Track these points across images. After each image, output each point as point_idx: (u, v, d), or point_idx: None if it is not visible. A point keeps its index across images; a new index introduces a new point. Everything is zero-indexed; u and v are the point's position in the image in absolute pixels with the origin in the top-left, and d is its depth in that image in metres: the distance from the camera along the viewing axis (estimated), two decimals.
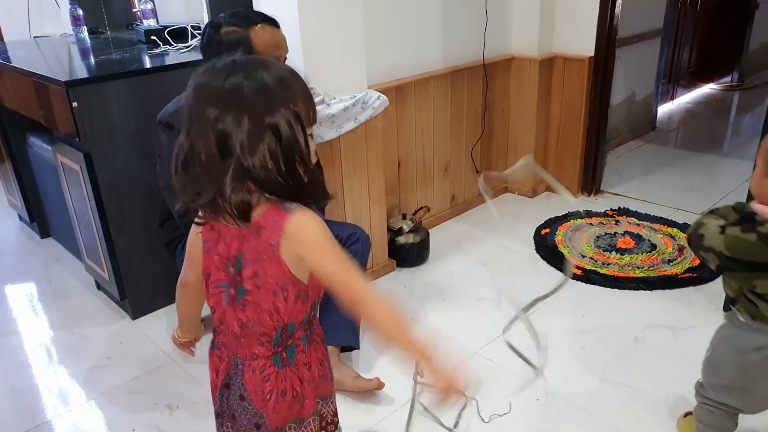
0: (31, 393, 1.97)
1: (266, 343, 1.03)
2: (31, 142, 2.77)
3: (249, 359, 1.05)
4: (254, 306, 1.00)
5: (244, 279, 0.99)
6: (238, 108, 0.88)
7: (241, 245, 0.98)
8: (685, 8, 4.72)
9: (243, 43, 1.66)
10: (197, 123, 0.90)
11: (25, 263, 2.84)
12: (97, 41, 2.97)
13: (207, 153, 0.89)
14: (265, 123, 0.89)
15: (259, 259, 0.96)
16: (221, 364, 1.09)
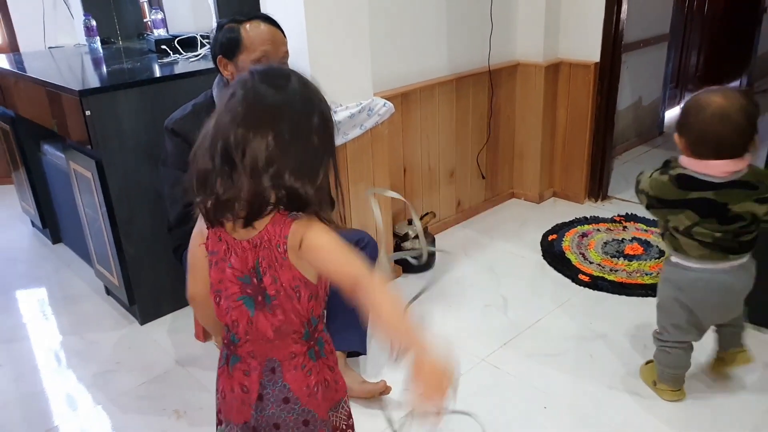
0: (40, 397, 2.00)
1: (299, 340, 1.06)
2: (44, 149, 2.81)
3: (288, 359, 1.07)
4: (281, 308, 1.02)
5: (267, 286, 1.01)
6: (294, 116, 0.93)
7: (255, 255, 1.00)
8: (692, 12, 4.70)
9: (234, 38, 1.72)
10: (250, 124, 0.91)
11: (36, 269, 2.88)
12: (110, 51, 3.02)
13: (252, 155, 0.91)
14: (311, 137, 0.94)
15: (273, 265, 0.99)
16: (248, 377, 1.08)
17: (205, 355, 2.15)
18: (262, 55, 1.73)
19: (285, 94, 0.94)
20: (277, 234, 0.97)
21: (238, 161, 0.91)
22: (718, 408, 1.78)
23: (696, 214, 1.60)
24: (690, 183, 1.60)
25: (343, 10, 2.08)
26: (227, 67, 1.76)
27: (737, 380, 1.89)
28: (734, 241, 1.61)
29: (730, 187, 1.56)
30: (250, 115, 0.92)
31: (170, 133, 1.80)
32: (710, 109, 1.54)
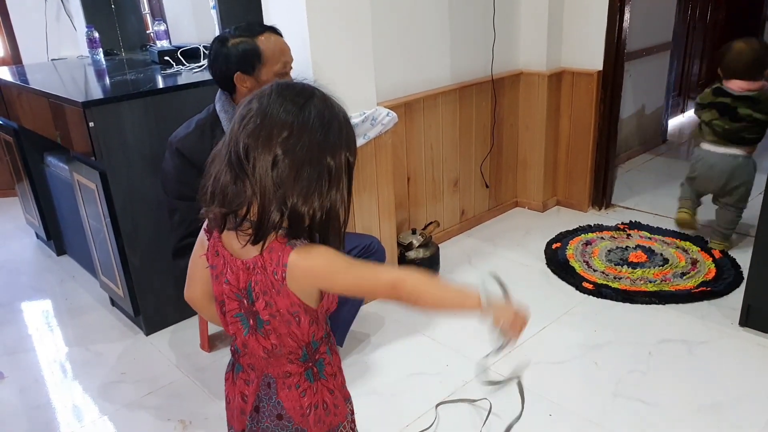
0: (46, 409, 1.99)
1: (296, 360, 1.04)
2: (48, 161, 2.82)
3: (282, 377, 1.04)
4: (275, 332, 1.00)
5: (259, 310, 0.98)
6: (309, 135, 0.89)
7: (249, 277, 0.97)
8: (693, 21, 4.72)
9: (252, 52, 1.70)
10: (261, 139, 0.89)
11: (41, 280, 2.88)
12: (113, 63, 3.04)
13: (260, 172, 0.88)
14: (325, 161, 0.90)
15: (268, 291, 0.96)
16: (248, 386, 1.08)
17: (210, 365, 2.14)
18: (284, 67, 1.74)
19: (302, 113, 0.90)
20: (274, 261, 0.93)
21: (249, 174, 0.89)
22: (723, 414, 1.77)
23: (717, 112, 2.58)
24: (719, 92, 2.60)
25: (346, 19, 2.09)
26: (246, 82, 1.74)
27: (742, 386, 1.88)
28: (737, 135, 2.56)
29: (742, 99, 2.53)
30: (261, 130, 0.89)
31: (175, 153, 1.79)
32: (733, 47, 2.56)
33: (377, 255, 2.08)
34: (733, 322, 2.19)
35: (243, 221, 0.92)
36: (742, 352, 2.05)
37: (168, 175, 1.83)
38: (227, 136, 0.94)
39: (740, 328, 2.17)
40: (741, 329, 2.16)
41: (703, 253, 2.71)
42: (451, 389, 1.94)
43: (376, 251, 2.07)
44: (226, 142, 0.94)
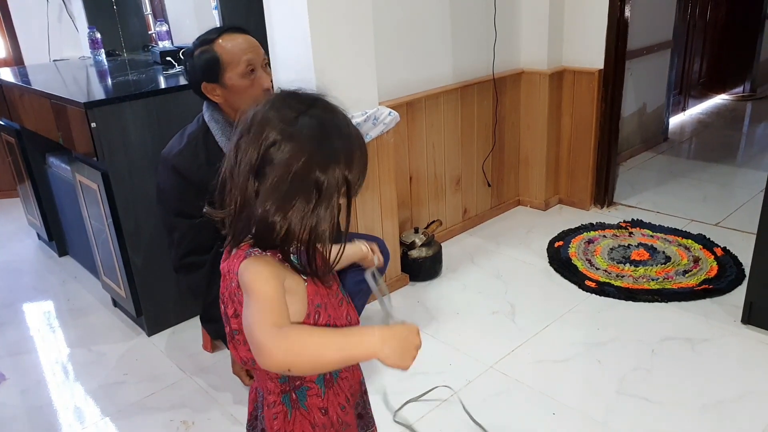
0: (48, 410, 1.99)
1: (275, 378, 0.98)
2: (50, 162, 2.82)
3: (266, 393, 1.00)
4: (245, 345, 0.91)
5: (230, 318, 0.94)
6: (298, 144, 0.85)
7: (224, 284, 0.94)
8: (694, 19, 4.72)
9: (211, 60, 1.67)
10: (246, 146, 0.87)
11: (43, 281, 2.89)
12: (115, 63, 3.04)
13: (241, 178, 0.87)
14: (313, 174, 0.84)
15: (232, 299, 0.92)
16: (251, 393, 1.08)
17: (212, 365, 2.14)
18: (248, 66, 1.68)
19: (297, 121, 0.86)
20: (233, 268, 0.90)
21: (234, 177, 0.88)
22: (726, 412, 1.77)
23: None
24: None
25: (347, 19, 2.09)
26: (215, 90, 1.70)
27: (745, 384, 1.87)
28: None
29: None
30: (251, 134, 0.86)
31: (171, 170, 1.74)
32: None
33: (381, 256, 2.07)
34: (736, 320, 2.18)
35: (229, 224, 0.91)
36: (745, 350, 2.05)
37: (166, 192, 1.79)
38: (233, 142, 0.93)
39: (743, 325, 2.16)
40: (743, 327, 2.16)
41: (705, 250, 2.70)
42: (455, 389, 1.93)
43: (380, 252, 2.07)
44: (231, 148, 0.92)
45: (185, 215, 1.77)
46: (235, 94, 1.71)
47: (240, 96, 1.71)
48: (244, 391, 1.99)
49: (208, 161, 1.75)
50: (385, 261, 2.10)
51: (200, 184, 1.75)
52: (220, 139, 1.75)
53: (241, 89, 1.70)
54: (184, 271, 1.80)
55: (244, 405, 1.94)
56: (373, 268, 1.06)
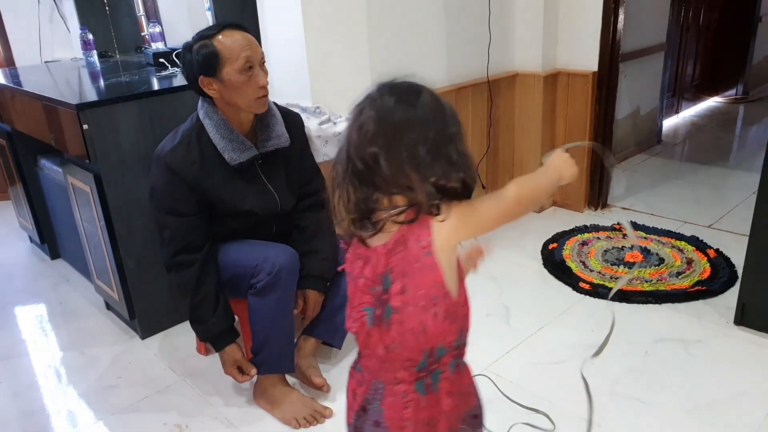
0: (40, 414, 1.98)
1: (410, 368, 1.00)
2: (41, 164, 2.81)
3: (391, 383, 1.02)
4: (399, 326, 0.96)
5: (392, 295, 0.96)
6: (429, 129, 0.92)
7: (387, 261, 0.96)
8: (687, 22, 4.74)
9: (210, 54, 1.67)
10: (383, 142, 0.91)
11: (35, 284, 2.86)
12: (107, 65, 3.03)
13: (388, 172, 0.90)
14: (447, 135, 0.93)
15: (409, 270, 0.95)
16: (360, 387, 1.07)
17: (206, 368, 2.13)
18: (246, 62, 1.69)
19: (416, 109, 0.93)
20: (416, 227, 0.93)
21: (382, 175, 0.91)
22: (719, 412, 1.77)
23: None
24: None
25: (341, 21, 2.09)
26: (211, 85, 1.71)
27: (738, 385, 1.88)
28: None
29: None
30: (383, 135, 0.91)
31: (164, 168, 1.74)
32: None
33: None
34: (729, 321, 2.19)
35: (375, 218, 0.94)
36: (738, 351, 2.06)
37: (158, 190, 1.78)
38: (344, 149, 0.95)
39: (735, 326, 2.17)
40: (736, 328, 2.17)
41: (698, 252, 2.71)
42: None
43: None
44: (344, 154, 0.95)
45: (177, 213, 1.76)
46: (232, 90, 1.71)
47: (236, 92, 1.72)
48: (238, 394, 1.98)
49: (201, 159, 1.75)
50: None
51: (193, 181, 1.75)
52: (214, 137, 1.75)
53: (237, 85, 1.70)
54: (174, 270, 1.79)
55: (238, 407, 1.93)
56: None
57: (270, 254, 1.78)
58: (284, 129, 1.85)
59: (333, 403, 1.91)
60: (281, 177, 1.90)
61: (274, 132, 1.83)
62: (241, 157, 1.76)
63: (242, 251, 1.84)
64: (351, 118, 0.95)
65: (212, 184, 1.77)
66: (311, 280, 1.91)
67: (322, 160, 2.11)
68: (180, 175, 1.73)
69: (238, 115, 1.78)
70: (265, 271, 1.75)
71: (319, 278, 1.92)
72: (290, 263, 1.80)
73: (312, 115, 2.08)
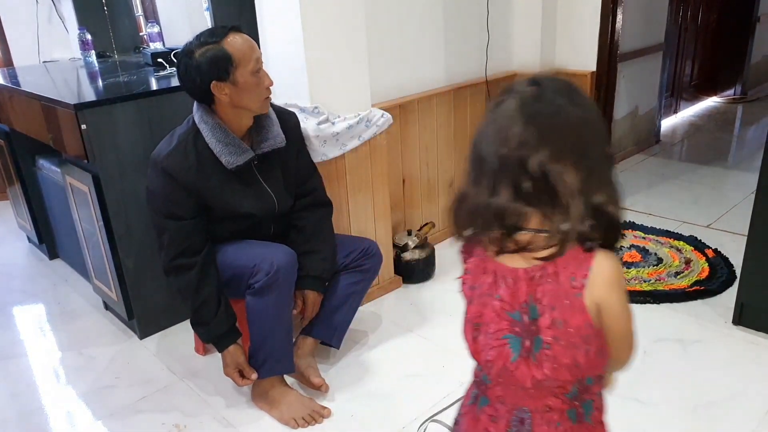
0: (39, 414, 1.97)
1: (561, 395, 0.92)
2: (40, 164, 2.80)
3: (540, 411, 0.93)
4: (552, 360, 0.87)
5: (541, 329, 0.86)
6: (591, 131, 0.83)
7: (532, 289, 0.86)
8: (686, 22, 4.75)
9: (222, 57, 1.66)
10: (556, 146, 0.79)
11: (33, 284, 2.86)
12: (105, 65, 3.03)
13: (557, 182, 0.79)
14: (607, 150, 0.83)
15: (558, 305, 0.85)
16: (495, 423, 0.97)
17: (205, 368, 2.13)
18: (257, 63, 1.71)
19: (586, 108, 0.83)
20: (572, 266, 0.83)
21: (552, 188, 0.79)
22: (717, 412, 1.78)
23: None
24: None
25: (340, 22, 2.09)
26: (224, 89, 1.69)
27: (736, 384, 1.88)
28: None
29: None
30: (554, 136, 0.79)
31: (161, 172, 1.73)
32: None
33: (375, 259, 2.07)
34: (727, 321, 2.19)
35: (526, 234, 0.83)
36: (736, 351, 2.06)
37: (156, 195, 1.78)
38: (491, 151, 0.83)
39: (734, 326, 2.17)
40: (734, 328, 2.17)
41: (696, 252, 2.72)
42: (447, 391, 1.93)
43: (373, 255, 2.07)
44: (489, 158, 0.83)
45: (175, 217, 1.76)
46: (244, 92, 1.71)
47: (247, 94, 1.72)
48: (237, 394, 1.98)
49: (197, 163, 1.75)
50: (378, 263, 2.10)
51: (190, 185, 1.75)
52: (210, 141, 1.74)
53: (250, 87, 1.71)
54: (173, 273, 1.79)
55: (236, 407, 1.93)
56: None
57: (268, 254, 1.78)
58: (280, 129, 1.85)
59: (331, 403, 1.91)
60: (278, 178, 1.90)
61: (270, 133, 1.83)
62: (238, 160, 1.76)
63: (240, 252, 1.84)
64: (499, 116, 0.83)
65: (209, 188, 1.77)
66: (310, 280, 1.91)
67: (320, 160, 2.12)
68: (177, 180, 1.73)
69: (238, 118, 1.77)
70: (263, 272, 1.75)
71: (318, 278, 1.92)
72: (288, 263, 1.80)
73: (310, 115, 2.08)
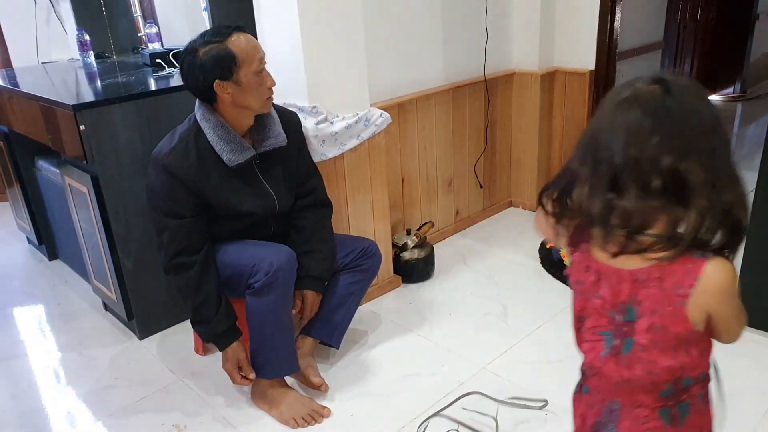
0: (39, 415, 1.97)
1: (653, 392, 0.92)
2: (39, 165, 2.80)
3: (630, 405, 0.94)
4: (646, 362, 0.88)
5: (637, 331, 0.87)
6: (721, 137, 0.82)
7: (634, 291, 0.86)
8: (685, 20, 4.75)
9: (226, 56, 1.66)
10: (686, 146, 0.79)
11: (33, 286, 2.86)
12: (104, 65, 3.02)
13: (686, 184, 0.78)
14: (732, 154, 0.83)
15: (659, 310, 0.84)
16: (590, 410, 1.00)
17: (204, 368, 2.13)
18: (260, 63, 1.71)
19: (713, 108, 0.82)
20: (679, 273, 0.82)
21: (674, 189, 0.78)
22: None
23: None
24: None
25: (338, 21, 2.09)
26: (227, 89, 1.69)
27: (737, 382, 1.88)
28: None
29: None
30: (685, 136, 0.79)
31: (162, 169, 1.73)
32: None
33: (374, 259, 2.08)
34: None
35: (639, 235, 0.82)
36: (736, 349, 2.04)
37: (156, 192, 1.78)
38: (616, 149, 0.81)
39: None
40: None
41: None
42: (447, 390, 1.93)
43: (373, 255, 2.07)
44: (610, 162, 0.81)
45: (176, 215, 1.76)
46: (246, 92, 1.71)
47: (250, 93, 1.72)
48: (237, 394, 1.98)
49: (198, 161, 1.75)
50: (378, 263, 2.10)
51: (191, 183, 1.75)
52: (211, 138, 1.75)
53: (253, 86, 1.71)
54: (173, 272, 1.79)
55: (236, 407, 1.93)
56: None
57: (267, 254, 1.78)
58: (281, 128, 1.85)
59: (331, 402, 1.91)
60: (279, 177, 1.90)
61: (271, 132, 1.83)
62: (239, 158, 1.76)
63: (240, 251, 1.84)
64: (627, 114, 0.81)
65: (210, 186, 1.77)
66: (309, 280, 1.91)
67: (319, 159, 2.12)
68: (178, 177, 1.73)
69: (240, 116, 1.77)
70: (262, 271, 1.75)
71: (317, 278, 1.92)
72: (288, 263, 1.80)
73: (309, 115, 2.08)
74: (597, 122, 0.85)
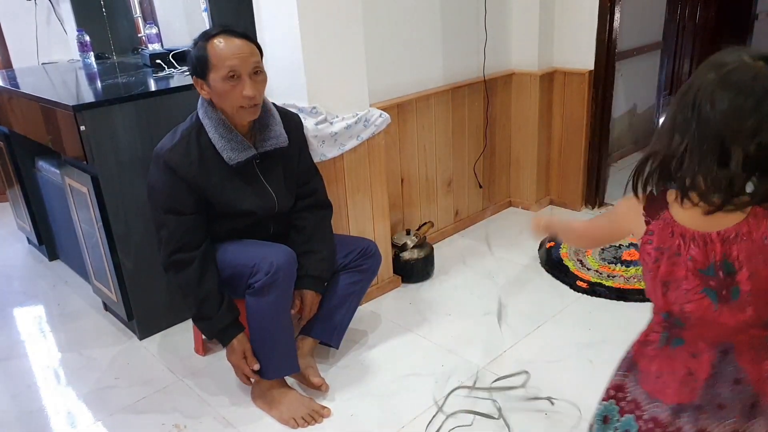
0: (40, 415, 1.98)
1: (758, 325, 1.03)
2: (39, 166, 2.81)
3: (744, 342, 1.04)
4: (755, 305, 0.99)
5: (741, 281, 0.99)
6: None
7: (726, 249, 0.98)
8: (683, 20, 4.75)
9: (202, 57, 1.69)
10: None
11: (33, 286, 2.87)
12: (104, 66, 3.03)
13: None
14: None
15: (755, 258, 0.97)
16: (696, 359, 1.07)
17: (204, 368, 2.13)
18: (230, 71, 1.67)
19: None
20: (764, 225, 0.96)
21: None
22: None
23: None
24: None
25: (337, 21, 2.09)
26: (203, 87, 1.73)
27: None
28: None
29: None
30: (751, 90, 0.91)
31: (163, 166, 1.74)
32: None
33: (373, 259, 2.08)
34: None
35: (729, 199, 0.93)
36: None
37: (157, 189, 1.79)
38: (708, 123, 0.93)
39: None
40: None
41: None
42: (447, 390, 1.94)
43: (372, 255, 2.07)
44: (714, 132, 0.93)
45: (175, 212, 1.77)
46: (216, 95, 1.73)
47: (221, 98, 1.73)
48: (237, 394, 1.98)
49: (200, 158, 1.76)
50: (377, 263, 2.11)
51: (191, 180, 1.76)
52: (213, 136, 1.75)
53: (221, 92, 1.71)
54: (172, 269, 1.79)
55: (236, 407, 1.93)
56: None
57: (267, 254, 1.79)
58: (282, 129, 1.86)
59: (331, 402, 1.91)
60: (279, 177, 1.90)
61: (273, 132, 1.84)
62: (240, 156, 1.76)
63: (240, 251, 1.85)
64: (736, 86, 0.94)
65: (211, 184, 1.78)
66: (308, 280, 1.92)
67: (318, 160, 2.12)
68: (179, 174, 1.74)
69: (236, 116, 1.78)
70: (262, 271, 1.76)
71: (317, 278, 1.93)
72: (288, 263, 1.80)
73: (308, 115, 2.09)
74: (700, 87, 0.98)
